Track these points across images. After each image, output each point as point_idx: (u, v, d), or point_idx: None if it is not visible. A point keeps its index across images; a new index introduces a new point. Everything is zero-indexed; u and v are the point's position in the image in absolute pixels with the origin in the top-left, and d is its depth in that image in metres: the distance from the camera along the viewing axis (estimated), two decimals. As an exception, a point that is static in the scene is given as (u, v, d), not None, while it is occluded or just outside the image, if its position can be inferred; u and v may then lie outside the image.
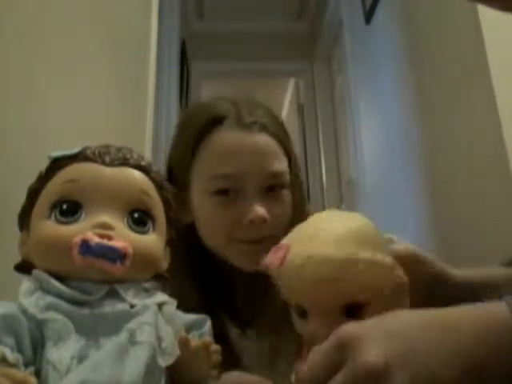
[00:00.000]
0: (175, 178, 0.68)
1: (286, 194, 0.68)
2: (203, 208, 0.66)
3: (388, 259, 0.41)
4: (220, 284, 0.69)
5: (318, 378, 0.34)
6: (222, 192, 0.64)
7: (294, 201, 0.69)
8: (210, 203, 0.65)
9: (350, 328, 0.35)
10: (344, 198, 3.00)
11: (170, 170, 0.70)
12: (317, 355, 0.35)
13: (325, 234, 0.41)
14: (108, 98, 1.15)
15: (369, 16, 2.15)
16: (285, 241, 0.44)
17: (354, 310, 0.40)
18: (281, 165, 0.67)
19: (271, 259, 0.43)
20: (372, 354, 0.32)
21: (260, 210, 0.63)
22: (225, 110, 0.67)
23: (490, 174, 1.19)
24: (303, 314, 0.42)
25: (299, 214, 0.68)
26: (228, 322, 0.68)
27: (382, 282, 0.40)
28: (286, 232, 0.64)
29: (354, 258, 0.39)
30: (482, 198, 1.23)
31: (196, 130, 0.67)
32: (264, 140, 0.66)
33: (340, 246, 0.40)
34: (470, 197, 1.30)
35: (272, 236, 0.65)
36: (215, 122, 0.66)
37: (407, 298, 0.43)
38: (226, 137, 0.65)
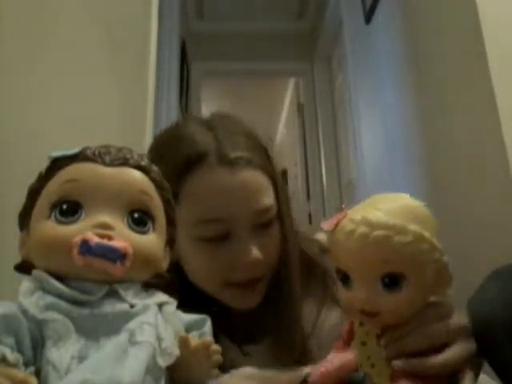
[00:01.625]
0: None
1: (275, 226, 0.64)
2: (191, 253, 0.62)
3: (436, 241, 0.43)
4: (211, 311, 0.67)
5: None
6: (206, 239, 0.60)
7: (285, 228, 0.66)
8: (198, 249, 0.61)
9: None
10: (344, 199, 3.00)
11: None
12: None
13: (380, 205, 0.44)
14: (108, 97, 1.15)
15: (369, 16, 2.15)
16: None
17: (393, 281, 0.42)
18: (269, 199, 0.63)
19: (327, 223, 0.45)
20: None
21: (254, 251, 0.60)
22: (205, 145, 0.61)
23: (490, 173, 1.19)
24: (346, 279, 0.44)
25: (291, 240, 0.66)
26: (223, 337, 0.64)
27: (425, 258, 0.42)
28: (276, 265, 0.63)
29: (404, 226, 0.41)
30: (482, 198, 1.23)
31: (175, 170, 0.60)
32: (250, 176, 0.61)
33: (393, 215, 0.42)
34: (469, 197, 1.30)
35: (266, 274, 0.64)
36: (196, 160, 0.60)
37: (448, 286, 0.45)
38: (209, 178, 0.60)
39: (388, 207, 0.43)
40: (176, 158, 0.61)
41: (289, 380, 0.46)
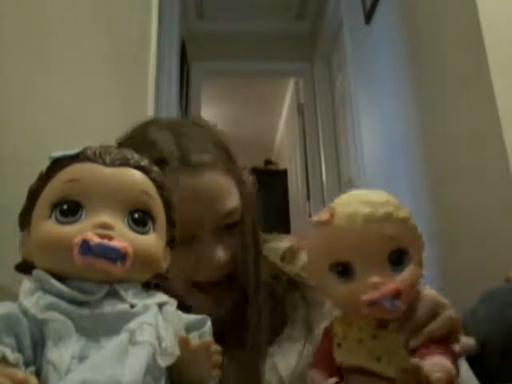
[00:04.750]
0: None
1: (242, 230, 0.64)
2: None
3: None
4: None
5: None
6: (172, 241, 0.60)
7: (247, 226, 0.65)
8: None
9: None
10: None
11: None
12: None
13: (364, 194, 0.45)
14: (108, 98, 1.15)
15: (369, 16, 2.15)
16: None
17: (399, 258, 0.43)
18: (234, 201, 0.63)
19: (320, 215, 0.45)
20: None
21: (218, 253, 0.61)
22: (167, 150, 0.60)
23: (490, 174, 1.19)
24: (347, 271, 0.43)
25: (250, 245, 0.65)
26: None
27: (418, 233, 0.44)
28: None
29: (399, 203, 0.44)
30: (482, 198, 1.23)
31: None
32: (214, 180, 0.61)
33: (384, 199, 0.44)
34: (469, 197, 1.30)
35: (230, 272, 0.63)
36: (158, 165, 0.55)
37: None
38: (172, 181, 0.54)
39: (373, 195, 0.45)
40: None
41: None
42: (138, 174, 0.44)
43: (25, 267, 0.43)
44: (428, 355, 0.41)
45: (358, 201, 0.43)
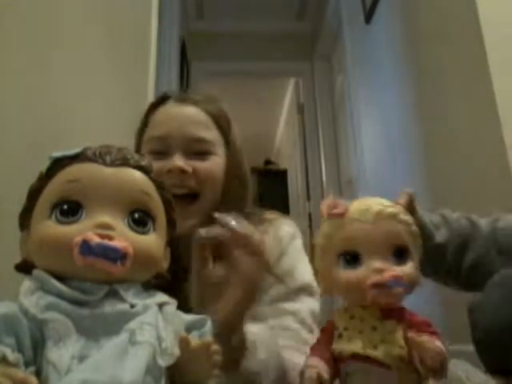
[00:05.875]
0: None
1: (215, 160, 0.75)
2: None
3: None
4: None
5: None
6: (153, 153, 0.74)
7: (230, 173, 0.76)
8: None
9: None
10: (344, 198, 3.00)
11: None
12: None
13: (375, 198, 0.50)
14: (108, 98, 1.15)
15: (369, 16, 2.15)
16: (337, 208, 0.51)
17: (402, 253, 0.47)
18: (206, 133, 0.76)
19: (336, 210, 0.50)
20: None
21: (178, 161, 0.71)
22: (172, 92, 0.82)
23: (490, 173, 1.19)
24: (354, 259, 0.47)
25: (240, 189, 0.77)
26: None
27: (420, 240, 0.50)
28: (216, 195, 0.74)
29: (406, 211, 0.50)
30: (482, 199, 1.23)
31: (147, 109, 0.81)
32: (193, 111, 0.77)
33: (393, 204, 0.50)
34: (470, 197, 1.30)
35: (194, 191, 0.72)
36: (162, 99, 0.80)
37: None
38: (164, 109, 0.78)
39: (383, 200, 0.50)
40: (154, 101, 0.82)
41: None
42: (138, 174, 0.44)
43: (25, 267, 0.43)
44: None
45: (370, 200, 0.50)
